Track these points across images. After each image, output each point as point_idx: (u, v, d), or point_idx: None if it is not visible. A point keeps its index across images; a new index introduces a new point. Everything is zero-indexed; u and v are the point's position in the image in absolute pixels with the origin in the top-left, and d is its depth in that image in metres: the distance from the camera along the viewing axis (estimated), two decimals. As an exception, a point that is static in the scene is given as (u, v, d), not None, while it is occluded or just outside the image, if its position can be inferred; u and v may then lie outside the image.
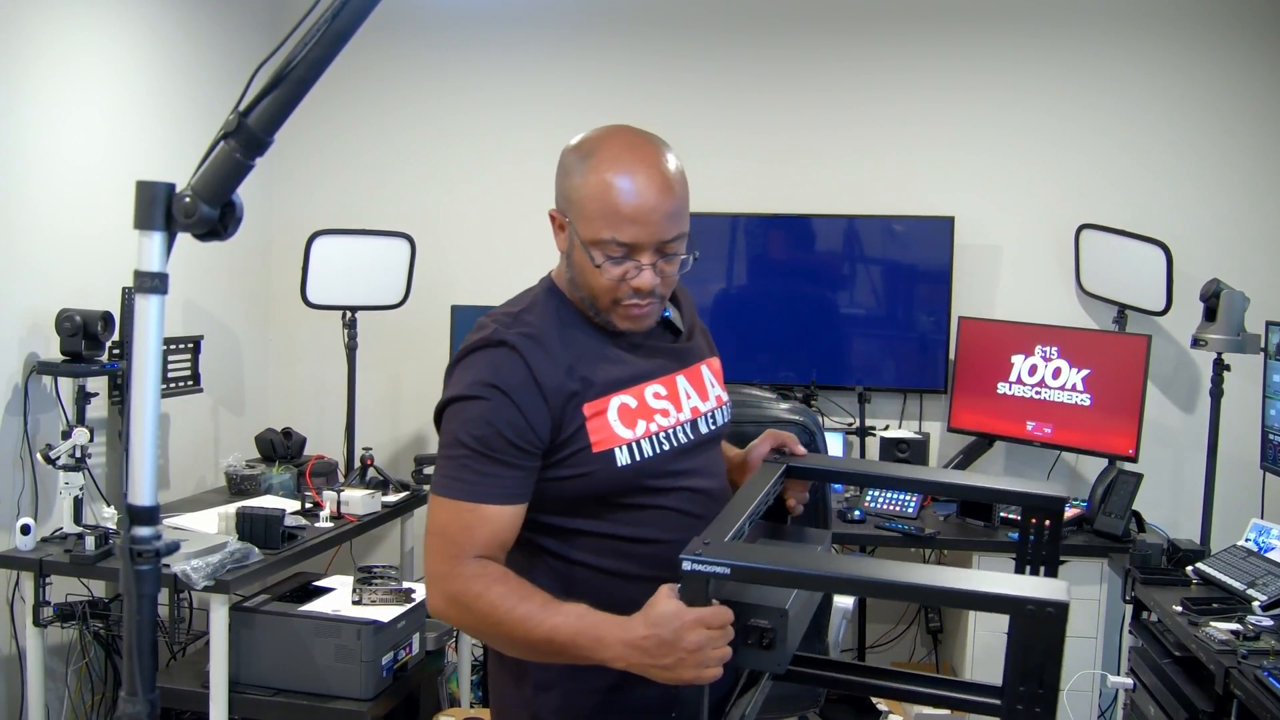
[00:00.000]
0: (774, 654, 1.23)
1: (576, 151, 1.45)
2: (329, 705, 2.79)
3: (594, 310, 1.48)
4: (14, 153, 2.95)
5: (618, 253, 1.40)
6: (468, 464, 1.39)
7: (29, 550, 2.82)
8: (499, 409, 1.39)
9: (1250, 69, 3.73)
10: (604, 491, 1.45)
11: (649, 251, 1.41)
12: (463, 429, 1.40)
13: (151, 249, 1.25)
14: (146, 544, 1.25)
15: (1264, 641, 2.33)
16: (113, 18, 3.32)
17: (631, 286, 1.42)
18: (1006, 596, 1.12)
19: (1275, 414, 3.04)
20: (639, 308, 1.45)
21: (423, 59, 4.13)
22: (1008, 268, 3.91)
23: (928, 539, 3.35)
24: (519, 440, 1.39)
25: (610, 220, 1.39)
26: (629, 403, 1.47)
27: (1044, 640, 1.09)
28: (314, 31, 1.25)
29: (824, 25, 3.96)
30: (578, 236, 1.42)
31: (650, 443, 1.47)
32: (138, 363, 1.25)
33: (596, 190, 1.39)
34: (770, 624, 1.22)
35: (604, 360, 1.48)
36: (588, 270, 1.43)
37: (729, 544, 1.24)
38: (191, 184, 1.26)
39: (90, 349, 2.98)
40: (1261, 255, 3.73)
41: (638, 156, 1.41)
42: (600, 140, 1.44)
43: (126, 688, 1.25)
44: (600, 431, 1.43)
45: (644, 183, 1.39)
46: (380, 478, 3.68)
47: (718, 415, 1.61)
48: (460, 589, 1.37)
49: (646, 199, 1.38)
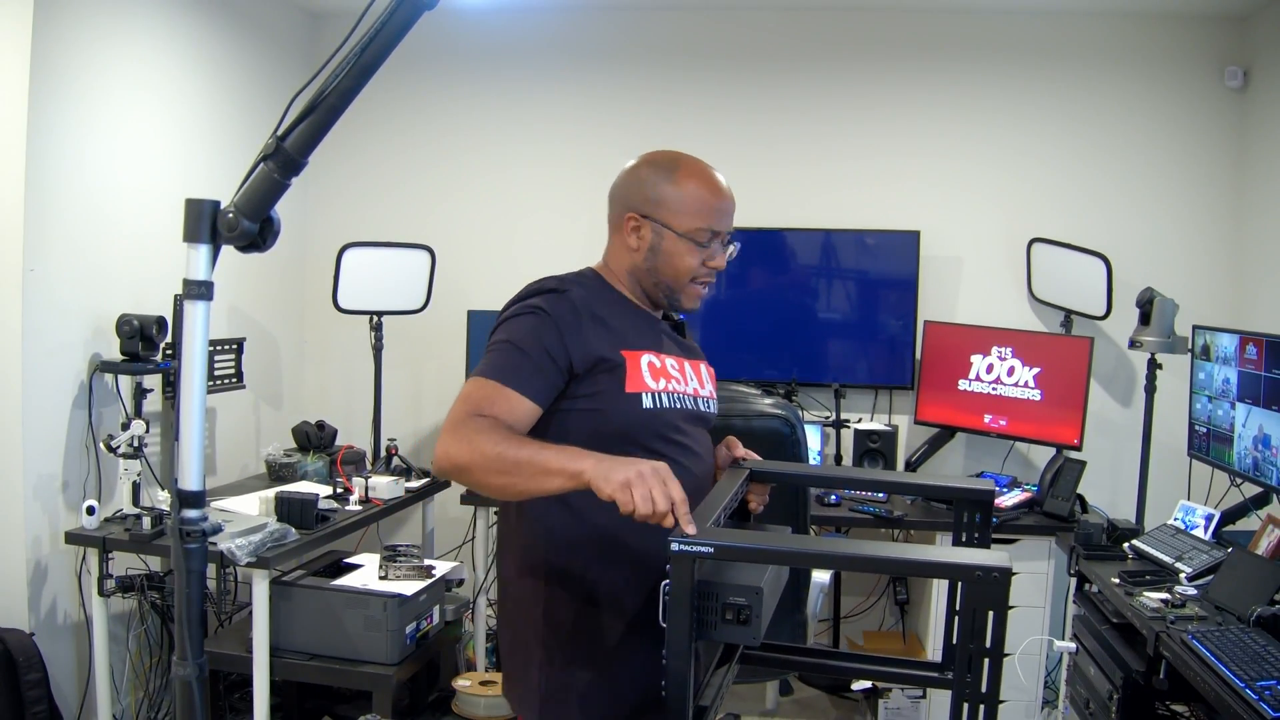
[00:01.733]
0: (750, 629, 1.23)
1: (655, 167, 1.59)
2: (358, 669, 2.80)
3: (667, 292, 1.59)
4: (81, 174, 2.96)
5: (706, 238, 1.56)
6: (503, 355, 1.45)
7: (94, 529, 2.83)
8: (543, 323, 1.47)
9: (1178, 102, 3.75)
10: (625, 428, 1.49)
11: (723, 238, 1.59)
12: (505, 331, 1.48)
13: (199, 260, 1.25)
14: (195, 525, 1.26)
15: (1189, 609, 2.34)
16: (167, 54, 3.33)
17: (710, 266, 1.59)
18: (958, 564, 1.14)
19: (1201, 407, 3.04)
20: (706, 285, 1.61)
21: (441, 88, 4.13)
22: (968, 277, 3.92)
23: (896, 520, 3.36)
24: (553, 351, 1.46)
25: (708, 214, 1.56)
26: (654, 361, 1.55)
27: (990, 602, 1.10)
28: (345, 64, 1.26)
29: (804, 64, 3.96)
30: (670, 230, 1.55)
31: (668, 397, 1.54)
32: (186, 362, 1.26)
33: (696, 191, 1.56)
34: (746, 601, 1.23)
35: (635, 328, 1.57)
36: (678, 256, 1.56)
37: (711, 528, 1.25)
38: (235, 201, 1.26)
39: (146, 350, 2.98)
40: (1190, 266, 3.74)
41: (708, 168, 1.61)
42: (675, 157, 1.61)
43: (178, 652, 1.26)
44: (633, 374, 1.50)
45: (721, 186, 1.59)
46: (404, 465, 3.68)
47: (711, 404, 1.67)
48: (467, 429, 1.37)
49: (725, 197, 1.59)
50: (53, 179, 2.86)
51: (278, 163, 1.26)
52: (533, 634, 1.52)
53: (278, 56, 3.93)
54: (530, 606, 1.53)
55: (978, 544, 1.55)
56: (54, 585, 2.90)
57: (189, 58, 3.45)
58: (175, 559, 1.26)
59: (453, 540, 3.99)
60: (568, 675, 1.50)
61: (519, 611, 1.56)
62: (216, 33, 3.58)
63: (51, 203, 2.86)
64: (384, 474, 3.53)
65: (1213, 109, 3.73)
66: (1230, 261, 3.74)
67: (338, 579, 2.93)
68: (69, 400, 2.94)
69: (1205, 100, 3.73)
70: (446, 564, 3.15)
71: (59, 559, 2.90)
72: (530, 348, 1.45)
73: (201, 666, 1.27)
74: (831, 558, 1.33)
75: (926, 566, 1.24)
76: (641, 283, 1.61)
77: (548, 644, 1.51)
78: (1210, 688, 1.96)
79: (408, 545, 3.09)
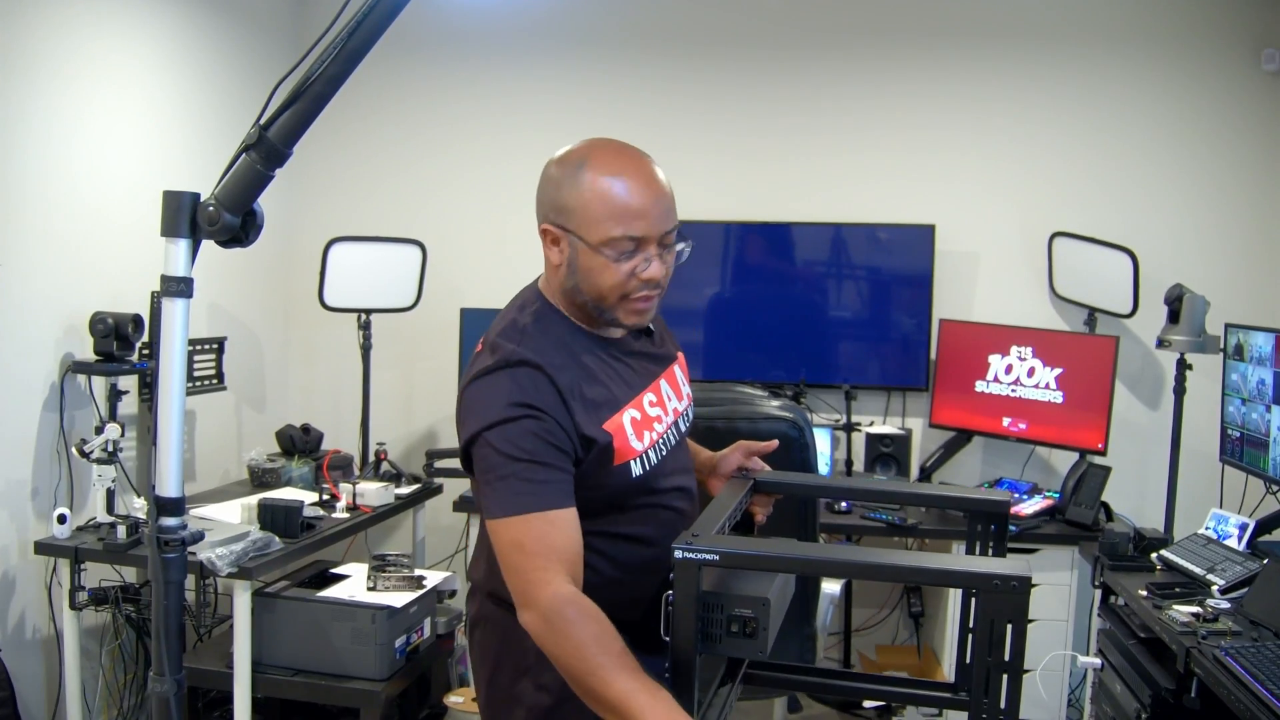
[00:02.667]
0: (756, 642, 1.23)
1: (564, 164, 1.42)
2: (345, 685, 2.79)
3: (598, 312, 1.45)
4: (52, 164, 2.95)
5: (628, 247, 1.39)
6: (525, 476, 1.33)
7: (65, 538, 2.82)
8: (540, 423, 1.35)
9: (1209, 87, 3.73)
10: (613, 498, 1.45)
11: (654, 243, 1.41)
12: (509, 446, 1.34)
13: (177, 255, 1.25)
14: (173, 533, 1.26)
15: (1222, 623, 2.33)
16: (142, 37, 3.32)
17: (642, 279, 1.41)
18: (975, 573, 1.13)
19: (1233, 410, 3.04)
20: (646, 300, 1.44)
21: (432, 76, 4.13)
22: (985, 273, 3.92)
23: (910, 528, 3.35)
24: (564, 447, 1.37)
25: (619, 218, 1.38)
26: (635, 416, 1.47)
27: (1009, 613, 1.09)
28: (330, 50, 1.25)
29: (814, 51, 3.95)
30: (583, 242, 1.40)
31: (655, 451, 1.49)
32: (164, 362, 1.26)
33: (600, 193, 1.38)
34: (753, 613, 1.22)
35: (608, 376, 1.46)
36: (596, 272, 1.40)
37: (716, 536, 1.25)
38: (215, 194, 1.26)
39: (121, 349, 2.98)
40: (1222, 261, 3.73)
41: (627, 158, 1.42)
42: (587, 151, 1.42)
43: (155, 667, 1.26)
44: (620, 445, 1.43)
45: (643, 180, 1.40)
46: (393, 471, 3.68)
47: (689, 411, 1.64)
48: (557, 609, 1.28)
49: (648, 193, 1.39)
50: (20, 170, 2.85)
51: (261, 153, 1.25)
52: (516, 653, 1.51)
53: (261, 40, 3.92)
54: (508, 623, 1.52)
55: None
56: (22, 598, 2.89)
57: (166, 40, 3.44)
58: (153, 569, 1.26)
59: (445, 549, 3.99)
60: (553, 696, 1.48)
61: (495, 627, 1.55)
62: (196, 14, 3.57)
63: (19, 195, 2.85)
64: (372, 480, 3.53)
65: (1248, 94, 3.71)
66: (1265, 256, 3.73)
67: (324, 590, 2.93)
68: (39, 402, 2.93)
69: (1240, 85, 3.71)
70: (438, 574, 3.15)
71: (28, 570, 2.90)
72: (542, 454, 1.34)
73: (180, 683, 1.26)
74: (841, 565, 1.33)
75: (941, 575, 1.24)
76: (575, 304, 1.46)
77: (532, 663, 1.49)
78: (1245, 707, 1.96)
79: (397, 555, 3.08)
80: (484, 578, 1.57)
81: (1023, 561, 1.14)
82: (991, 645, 1.11)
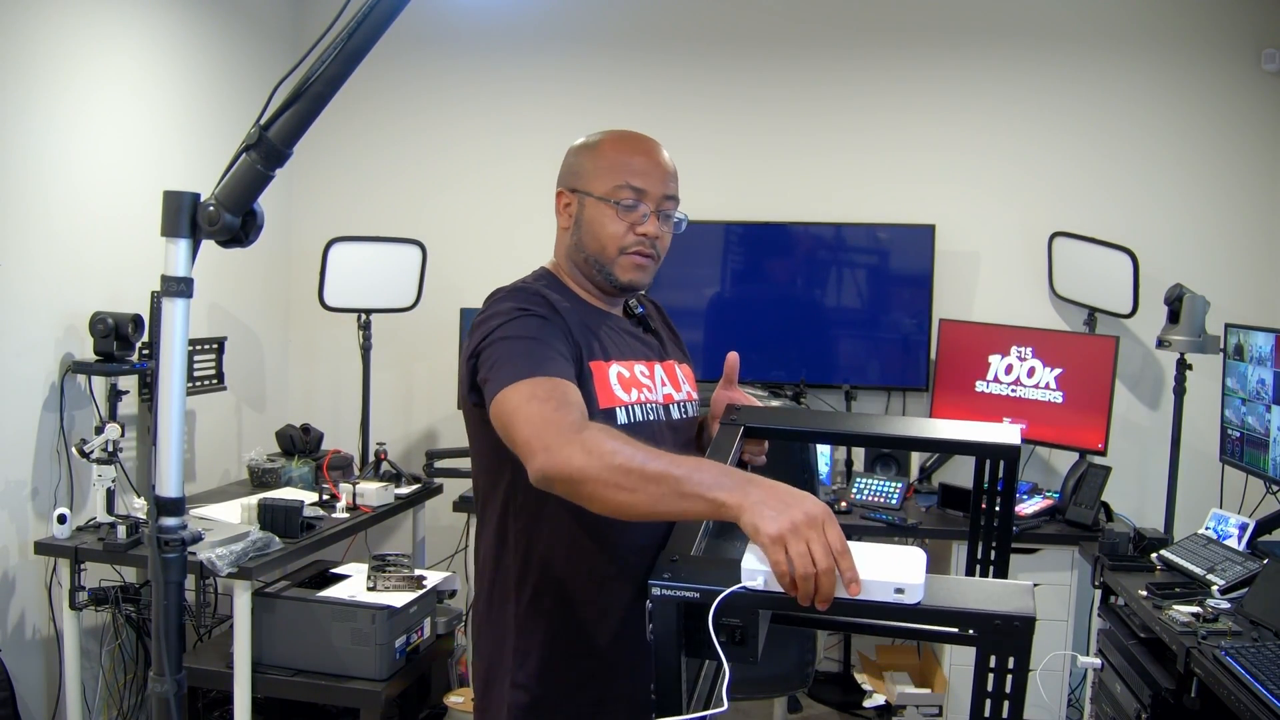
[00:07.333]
0: (745, 649, 1.20)
1: (583, 145, 1.57)
2: (345, 685, 2.79)
3: (597, 268, 1.53)
4: (52, 164, 2.95)
5: (630, 198, 1.50)
6: (535, 353, 1.34)
7: (65, 538, 2.82)
8: (547, 321, 1.41)
9: (1209, 87, 3.73)
10: None
11: (654, 202, 1.51)
12: (514, 330, 1.37)
13: (177, 255, 1.25)
14: (173, 533, 1.26)
15: (1222, 623, 2.33)
16: (143, 38, 3.32)
17: (638, 233, 1.51)
18: (975, 613, 1.04)
19: (1233, 410, 3.04)
20: (642, 256, 1.52)
21: (432, 76, 4.13)
22: (985, 273, 3.92)
23: (910, 529, 3.35)
24: (568, 344, 1.41)
25: (623, 170, 1.50)
26: (623, 372, 1.51)
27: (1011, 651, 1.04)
28: (331, 50, 1.25)
29: (814, 52, 3.96)
30: (590, 196, 1.52)
31: (641, 410, 1.50)
32: (164, 362, 1.25)
33: (610, 154, 1.53)
34: (741, 621, 1.19)
35: (604, 337, 1.52)
36: (598, 223, 1.51)
37: (695, 560, 1.17)
38: (215, 194, 1.26)
39: (121, 349, 2.98)
40: (1222, 261, 3.73)
41: (640, 135, 1.57)
42: (605, 132, 1.58)
43: (155, 668, 1.25)
44: (604, 389, 1.46)
45: (651, 150, 1.55)
46: (393, 471, 3.68)
47: (689, 407, 1.63)
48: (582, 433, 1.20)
49: (651, 155, 1.54)
50: (20, 170, 2.85)
51: (261, 153, 1.25)
52: (505, 632, 1.52)
53: (261, 40, 3.92)
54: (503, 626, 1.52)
55: (1000, 505, 1.48)
56: (22, 598, 2.89)
57: (166, 41, 3.44)
58: (152, 569, 1.25)
59: (445, 549, 3.99)
60: (530, 694, 1.49)
61: (491, 629, 1.55)
62: (196, 15, 3.57)
63: (19, 195, 2.85)
64: (372, 480, 3.52)
65: (1248, 94, 3.71)
66: (1265, 256, 3.73)
67: (324, 590, 2.93)
68: (39, 402, 2.93)
69: (1240, 85, 3.71)
70: (438, 574, 3.15)
71: (27, 570, 2.90)
72: (553, 340, 1.38)
73: (180, 683, 1.26)
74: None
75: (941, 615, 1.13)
76: (578, 265, 1.55)
77: (520, 640, 1.50)
78: (1245, 707, 1.96)
79: (397, 555, 3.08)
80: (478, 575, 1.60)
81: (1026, 588, 1.06)
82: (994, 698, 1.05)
